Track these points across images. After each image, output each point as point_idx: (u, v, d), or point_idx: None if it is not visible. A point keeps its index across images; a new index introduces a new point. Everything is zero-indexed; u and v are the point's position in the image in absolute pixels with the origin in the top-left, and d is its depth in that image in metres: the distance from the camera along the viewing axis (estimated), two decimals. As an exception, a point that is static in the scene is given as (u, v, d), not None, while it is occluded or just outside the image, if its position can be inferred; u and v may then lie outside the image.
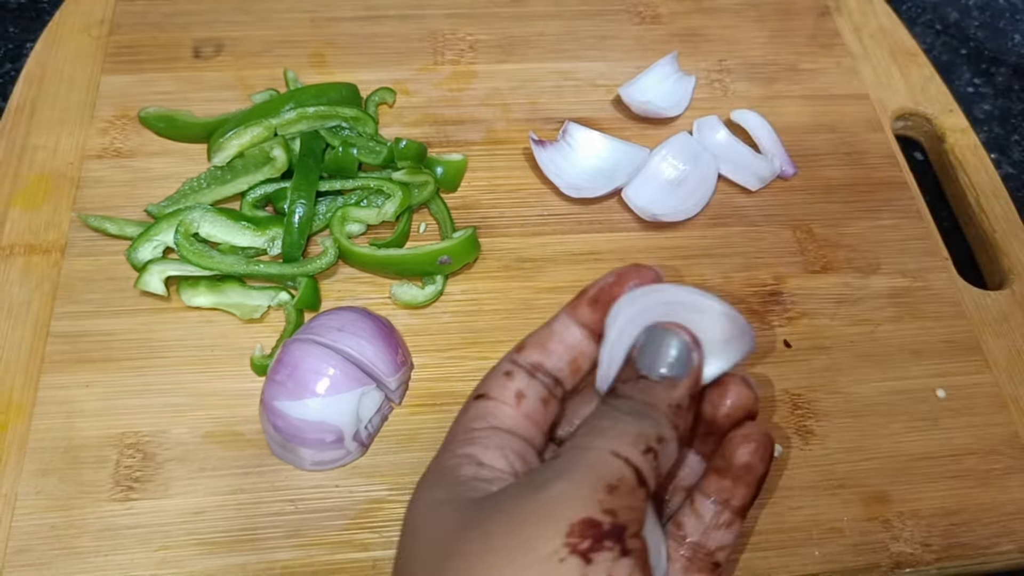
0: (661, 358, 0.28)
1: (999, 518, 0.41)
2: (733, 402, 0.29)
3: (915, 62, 0.58)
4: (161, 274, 0.44)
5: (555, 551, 0.23)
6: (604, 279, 0.30)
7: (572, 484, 0.24)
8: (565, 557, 0.23)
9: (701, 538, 0.29)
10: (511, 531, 0.23)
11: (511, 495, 0.25)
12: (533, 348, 0.30)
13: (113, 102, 0.52)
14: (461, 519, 0.25)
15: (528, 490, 0.25)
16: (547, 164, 0.50)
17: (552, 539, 0.23)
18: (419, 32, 0.57)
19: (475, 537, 0.24)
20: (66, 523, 0.38)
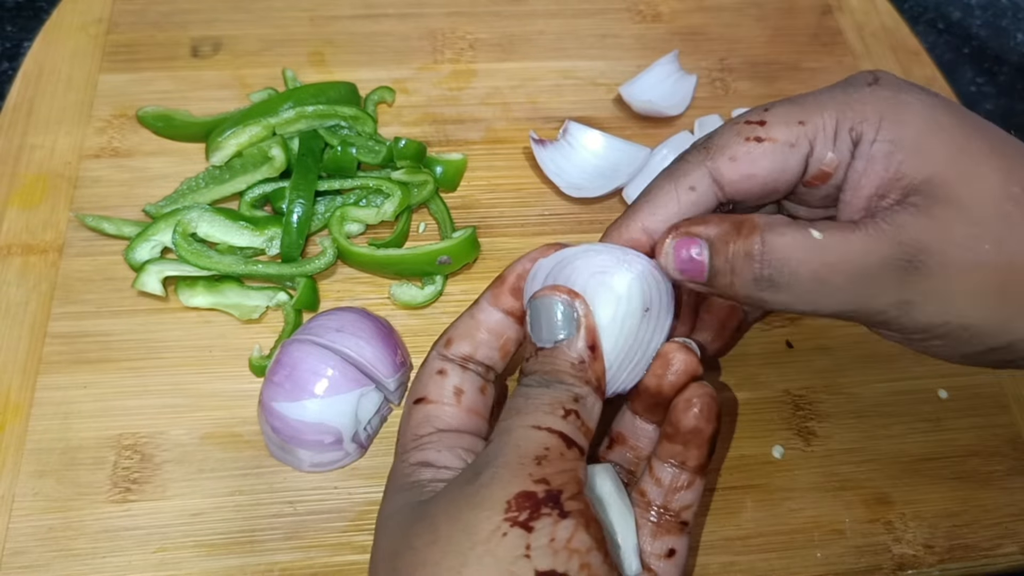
0: (548, 326, 0.28)
1: (1001, 519, 0.41)
2: (676, 369, 0.30)
3: (917, 61, 0.58)
4: (159, 274, 0.44)
5: (496, 528, 0.24)
6: (520, 264, 0.31)
7: (501, 467, 0.25)
8: (507, 531, 0.24)
9: (665, 501, 0.30)
10: (452, 520, 0.25)
11: (451, 488, 0.26)
12: (461, 340, 0.31)
13: (111, 101, 0.52)
14: (412, 518, 0.26)
15: (464, 481, 0.26)
16: (547, 164, 0.49)
17: (491, 518, 0.24)
18: (418, 31, 0.57)
19: (421, 531, 0.25)
20: (63, 525, 0.38)
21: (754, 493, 0.41)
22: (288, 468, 0.40)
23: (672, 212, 0.30)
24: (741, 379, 0.44)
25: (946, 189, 0.26)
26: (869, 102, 0.28)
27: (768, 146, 0.29)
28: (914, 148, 0.27)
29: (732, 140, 0.29)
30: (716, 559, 0.39)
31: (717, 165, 0.29)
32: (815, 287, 0.27)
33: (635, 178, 0.49)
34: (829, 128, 0.28)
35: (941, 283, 0.26)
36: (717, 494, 0.41)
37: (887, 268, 0.26)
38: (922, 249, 0.26)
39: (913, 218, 0.26)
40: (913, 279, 0.26)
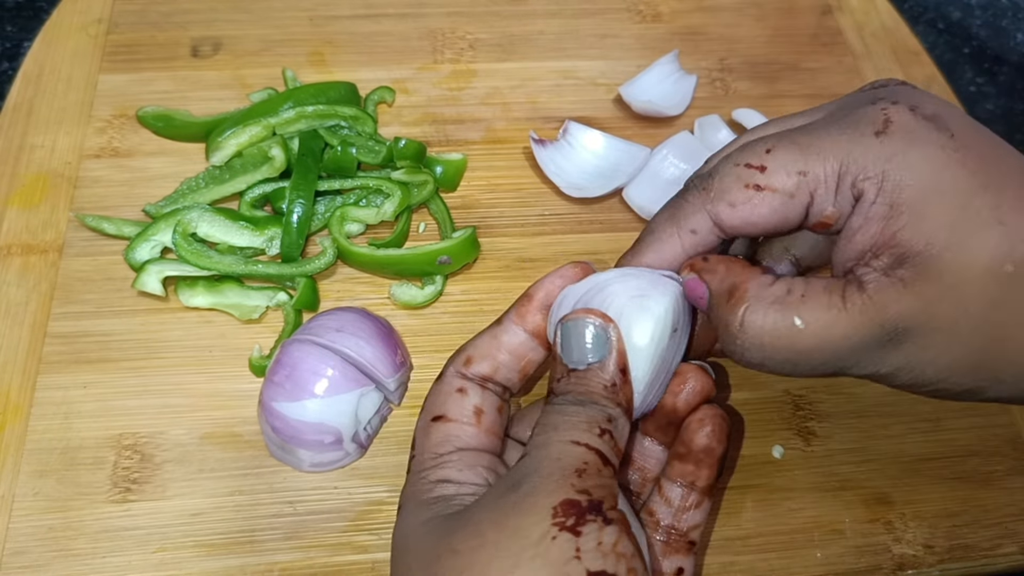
0: (580, 349, 0.29)
1: (1002, 519, 0.41)
2: (692, 388, 0.31)
3: (917, 61, 0.58)
4: (159, 274, 0.44)
5: (545, 532, 0.24)
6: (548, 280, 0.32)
7: (544, 478, 0.26)
8: (556, 535, 0.24)
9: (673, 521, 0.31)
10: (498, 526, 0.25)
11: (491, 498, 0.26)
12: (481, 360, 0.31)
13: (111, 101, 0.52)
14: (448, 527, 0.26)
15: (505, 490, 0.26)
16: (547, 163, 0.49)
17: (539, 524, 0.24)
18: (418, 31, 0.57)
19: (465, 537, 0.25)
20: (63, 525, 0.38)
21: (754, 493, 0.41)
22: (288, 468, 0.40)
23: (676, 254, 0.31)
24: (741, 379, 0.44)
25: (937, 263, 0.26)
26: (874, 157, 0.27)
27: (767, 195, 0.29)
28: (912, 215, 0.26)
29: (732, 185, 0.29)
30: (716, 559, 0.39)
31: (717, 210, 0.30)
32: (788, 366, 0.28)
33: (635, 178, 0.49)
34: (831, 180, 0.28)
35: (917, 359, 0.27)
36: (716, 494, 0.41)
37: (865, 347, 0.27)
38: (904, 330, 0.26)
39: (898, 296, 0.26)
40: (890, 354, 0.27)
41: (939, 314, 0.26)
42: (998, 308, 0.26)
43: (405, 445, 0.41)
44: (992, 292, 0.26)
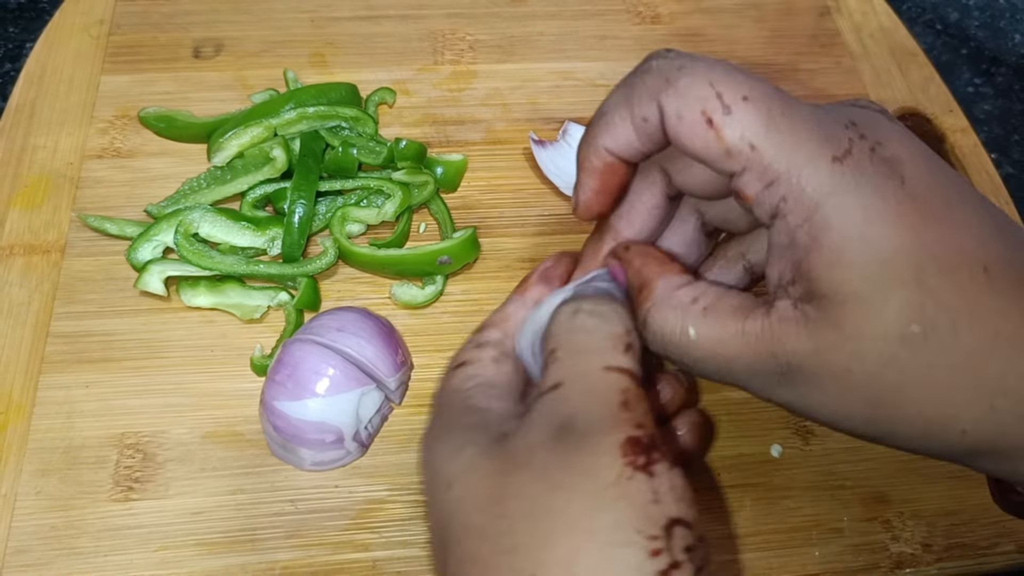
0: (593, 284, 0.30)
1: (999, 518, 0.41)
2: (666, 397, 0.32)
3: (915, 62, 0.58)
4: (161, 274, 0.44)
5: (620, 472, 0.23)
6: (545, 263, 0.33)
7: (592, 413, 0.25)
8: (631, 475, 0.23)
9: None
10: (566, 467, 0.24)
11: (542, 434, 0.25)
12: (492, 328, 0.32)
13: (113, 102, 0.52)
14: (501, 464, 0.25)
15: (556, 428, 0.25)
16: (547, 164, 0.50)
17: (612, 464, 0.23)
18: (419, 32, 0.57)
19: (532, 478, 0.24)
20: (66, 523, 0.38)
21: (752, 492, 0.41)
22: (289, 467, 0.40)
23: (631, 140, 0.29)
24: (740, 378, 0.44)
25: (841, 311, 0.25)
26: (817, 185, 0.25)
27: (711, 135, 0.26)
28: (830, 255, 0.25)
29: (691, 103, 0.26)
30: (714, 557, 0.39)
31: (667, 107, 0.27)
32: (687, 367, 0.28)
33: None
34: (767, 175, 0.26)
35: (809, 399, 0.26)
36: (715, 492, 0.41)
37: (756, 373, 0.27)
38: (796, 367, 0.26)
39: (796, 333, 0.25)
40: (783, 387, 0.26)
41: (833, 362, 0.25)
42: (897, 367, 0.25)
43: (406, 444, 0.41)
44: (893, 351, 0.24)
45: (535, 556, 0.22)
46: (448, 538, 0.25)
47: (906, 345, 0.24)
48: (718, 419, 0.43)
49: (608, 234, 0.32)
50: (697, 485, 0.41)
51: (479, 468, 0.25)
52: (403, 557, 0.38)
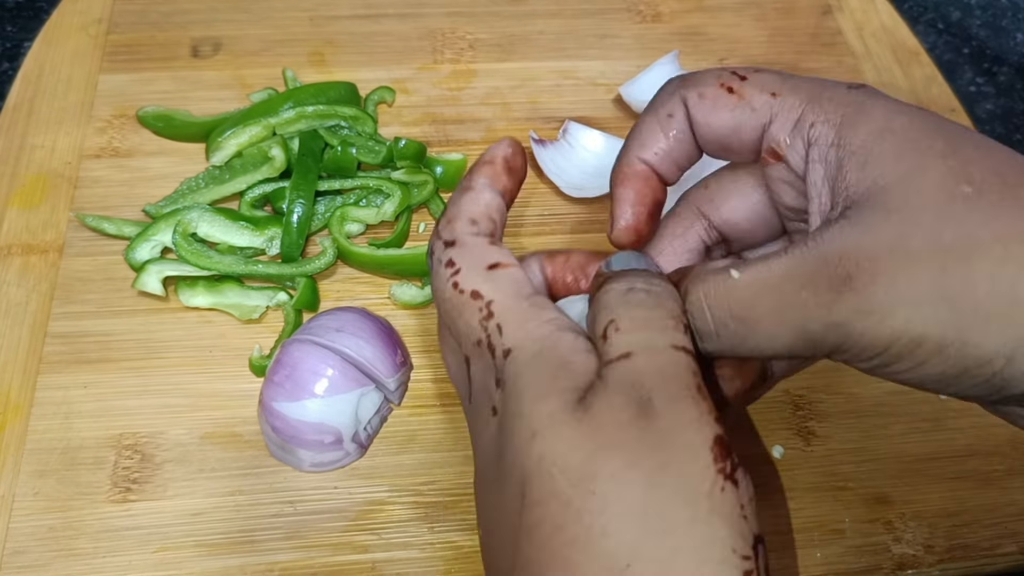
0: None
1: (1001, 519, 0.41)
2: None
3: (917, 61, 0.58)
4: (159, 274, 0.44)
5: (713, 482, 0.22)
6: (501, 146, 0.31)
7: (672, 395, 0.24)
8: (724, 486, 0.22)
9: None
10: (664, 464, 0.23)
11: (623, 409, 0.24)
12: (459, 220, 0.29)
13: (111, 101, 0.52)
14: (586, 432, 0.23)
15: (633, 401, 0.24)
16: (547, 164, 0.49)
17: (706, 471, 0.22)
18: (418, 31, 0.57)
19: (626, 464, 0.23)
20: (64, 524, 0.38)
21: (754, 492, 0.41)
22: (288, 468, 0.40)
23: (659, 140, 0.30)
24: (741, 379, 0.44)
25: (883, 196, 0.24)
26: (837, 103, 0.27)
27: (734, 99, 0.28)
28: (860, 156, 0.25)
29: (709, 79, 0.29)
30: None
31: (687, 95, 0.29)
32: (741, 328, 0.26)
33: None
34: (794, 112, 0.28)
35: (874, 295, 0.23)
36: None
37: (811, 290, 0.24)
38: (848, 261, 0.24)
39: (840, 230, 0.24)
40: (844, 297, 0.24)
41: (884, 237, 0.23)
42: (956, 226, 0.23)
43: (406, 445, 0.41)
44: (946, 210, 0.23)
45: (631, 549, 0.22)
46: (527, 492, 0.24)
47: (959, 202, 0.23)
48: (719, 420, 0.43)
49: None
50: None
51: (565, 429, 0.24)
52: (402, 559, 0.38)
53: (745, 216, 0.31)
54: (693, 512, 0.22)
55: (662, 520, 0.22)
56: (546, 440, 0.24)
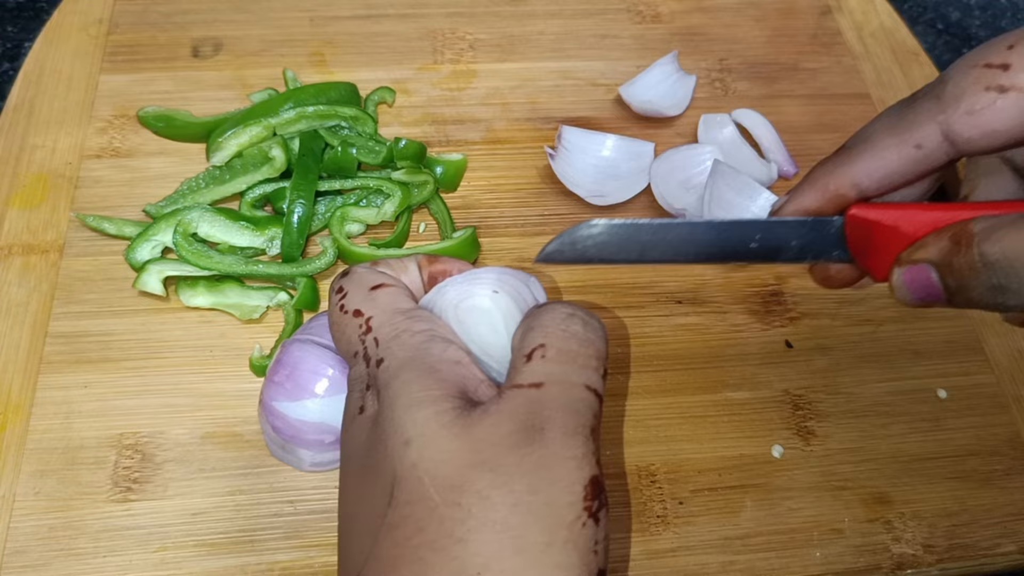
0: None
1: (1001, 519, 0.41)
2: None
3: (916, 61, 0.58)
4: (160, 274, 0.44)
5: (578, 516, 0.23)
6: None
7: (566, 429, 0.25)
8: (585, 521, 0.24)
9: None
10: (532, 488, 0.24)
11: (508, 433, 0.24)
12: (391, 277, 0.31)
13: (112, 101, 0.52)
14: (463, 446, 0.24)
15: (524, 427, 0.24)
16: (564, 175, 0.49)
17: (574, 505, 0.24)
18: (419, 31, 0.57)
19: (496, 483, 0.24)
20: (64, 524, 0.38)
21: (753, 492, 0.41)
22: (288, 467, 0.40)
23: (893, 170, 0.27)
24: (740, 379, 0.44)
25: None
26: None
27: (1013, 96, 0.25)
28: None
29: (969, 88, 0.25)
30: (715, 558, 0.39)
31: (950, 119, 0.26)
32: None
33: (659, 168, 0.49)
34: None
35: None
36: (716, 493, 0.41)
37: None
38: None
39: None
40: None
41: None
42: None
43: (405, 445, 0.41)
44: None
45: (483, 559, 0.23)
46: (396, 492, 0.25)
47: None
48: (719, 420, 0.43)
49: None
50: (697, 486, 0.41)
51: (440, 440, 0.25)
52: (402, 558, 0.38)
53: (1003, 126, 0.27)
54: (550, 538, 0.23)
55: (519, 539, 0.23)
56: (419, 448, 0.25)
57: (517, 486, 0.24)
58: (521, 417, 0.25)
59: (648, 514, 0.40)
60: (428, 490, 0.24)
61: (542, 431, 0.25)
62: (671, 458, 0.42)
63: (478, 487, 0.24)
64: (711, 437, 0.42)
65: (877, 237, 0.29)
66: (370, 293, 0.29)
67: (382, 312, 0.29)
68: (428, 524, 0.24)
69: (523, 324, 0.28)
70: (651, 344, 0.45)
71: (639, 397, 0.43)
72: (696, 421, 0.43)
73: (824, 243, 0.30)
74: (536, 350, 0.26)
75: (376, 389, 0.27)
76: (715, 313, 0.46)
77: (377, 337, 0.28)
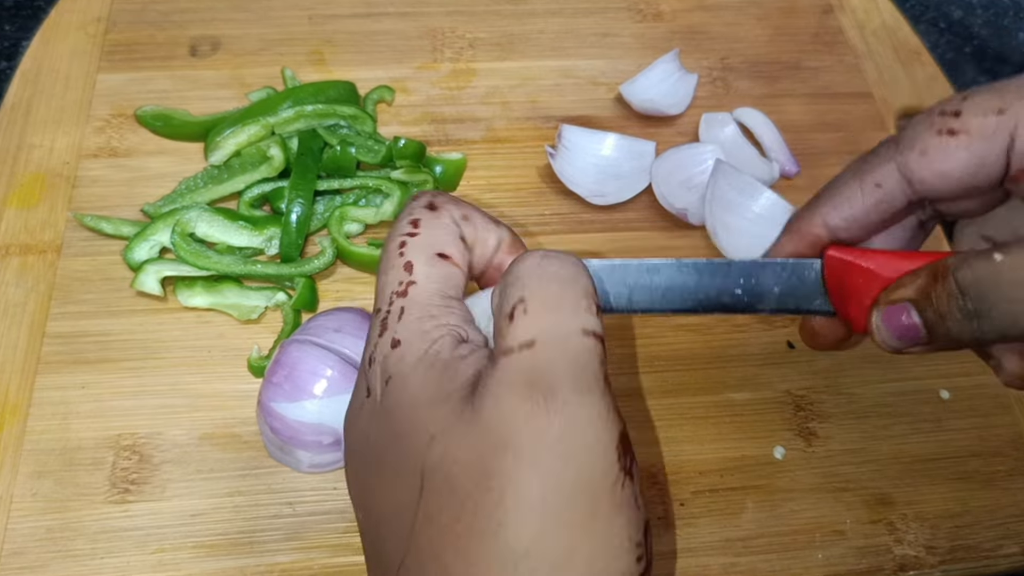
0: None
1: (1003, 520, 0.41)
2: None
3: (919, 60, 0.58)
4: (157, 274, 0.44)
5: (616, 479, 0.22)
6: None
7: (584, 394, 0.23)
8: (624, 482, 0.23)
9: None
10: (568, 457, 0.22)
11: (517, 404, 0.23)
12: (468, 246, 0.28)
13: (109, 100, 0.52)
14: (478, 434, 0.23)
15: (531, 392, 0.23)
16: (565, 175, 0.49)
17: (610, 469, 0.22)
18: (418, 30, 0.56)
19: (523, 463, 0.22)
20: (62, 525, 0.38)
21: (755, 494, 0.41)
22: (287, 469, 0.40)
23: (856, 209, 0.29)
24: (742, 380, 0.44)
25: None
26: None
27: (963, 139, 0.27)
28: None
29: (923, 132, 0.27)
30: (717, 560, 0.39)
31: (906, 160, 0.28)
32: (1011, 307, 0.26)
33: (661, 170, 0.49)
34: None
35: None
36: (718, 495, 0.41)
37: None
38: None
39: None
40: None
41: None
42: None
43: (405, 446, 0.41)
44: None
45: (526, 540, 0.22)
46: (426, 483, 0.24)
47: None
48: (720, 421, 0.43)
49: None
50: (698, 487, 0.41)
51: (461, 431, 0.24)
52: (402, 560, 0.38)
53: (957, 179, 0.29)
54: (594, 508, 0.22)
55: (561, 515, 0.22)
56: (443, 442, 0.24)
57: (544, 460, 0.22)
58: (521, 387, 0.23)
59: (649, 515, 0.40)
60: (459, 479, 0.23)
61: (553, 396, 0.23)
62: (672, 459, 0.41)
63: (505, 469, 0.22)
64: (713, 438, 0.42)
65: (856, 281, 0.29)
66: (434, 258, 0.27)
67: (427, 285, 0.26)
68: (464, 512, 0.23)
69: (496, 291, 0.26)
70: (652, 345, 0.45)
71: (640, 398, 0.43)
72: (698, 422, 0.42)
73: (805, 289, 0.30)
74: (517, 306, 0.24)
75: (386, 373, 0.25)
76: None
77: (404, 307, 0.26)
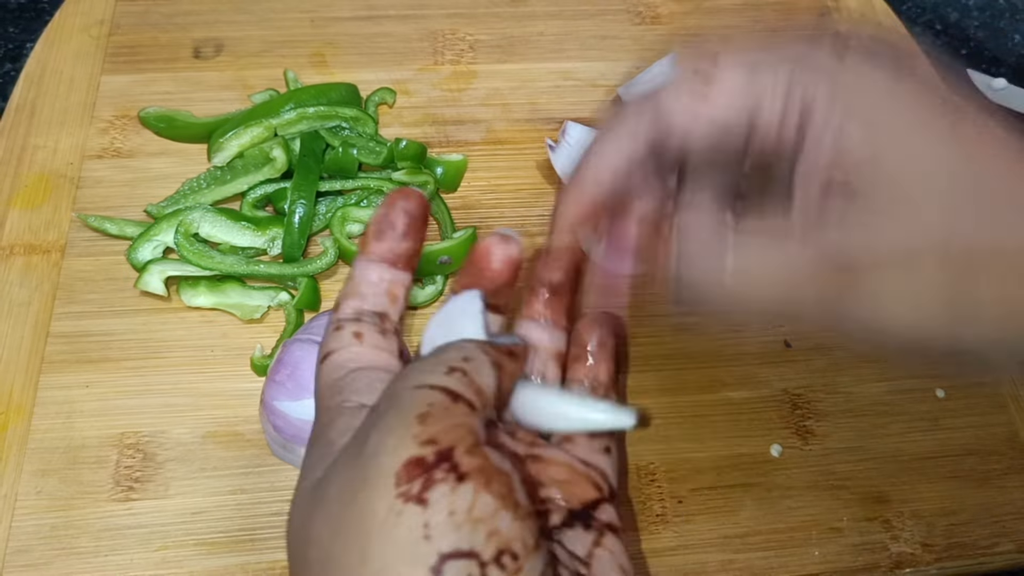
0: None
1: (999, 518, 0.41)
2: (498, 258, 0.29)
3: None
4: (161, 274, 0.44)
5: (389, 507, 0.21)
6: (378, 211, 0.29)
7: (384, 432, 0.22)
8: (401, 510, 0.21)
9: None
10: (346, 504, 0.22)
11: (341, 463, 0.23)
12: (347, 299, 0.29)
13: (113, 102, 0.52)
14: (312, 500, 0.23)
15: (353, 452, 0.23)
16: (563, 171, 0.49)
17: (384, 496, 0.21)
18: (419, 32, 0.57)
19: (322, 520, 0.22)
20: (66, 523, 0.38)
21: (752, 491, 0.41)
22: (290, 467, 0.40)
23: (613, 161, 0.28)
24: (739, 378, 0.44)
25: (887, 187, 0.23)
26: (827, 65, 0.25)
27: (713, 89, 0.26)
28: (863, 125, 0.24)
29: (674, 92, 0.27)
30: (714, 557, 0.39)
31: (658, 115, 0.27)
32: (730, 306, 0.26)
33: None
34: (780, 87, 0.25)
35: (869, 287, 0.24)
36: (715, 492, 0.41)
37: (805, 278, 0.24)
38: (846, 253, 0.23)
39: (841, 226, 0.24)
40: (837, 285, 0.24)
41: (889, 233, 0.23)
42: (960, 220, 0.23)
43: (406, 444, 0.41)
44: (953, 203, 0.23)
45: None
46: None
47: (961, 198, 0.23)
48: (718, 419, 0.43)
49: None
50: (696, 485, 0.41)
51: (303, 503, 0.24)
52: (403, 557, 0.38)
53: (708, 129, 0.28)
54: (363, 550, 0.21)
55: (343, 568, 0.21)
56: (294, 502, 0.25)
57: (334, 509, 0.22)
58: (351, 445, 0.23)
59: (647, 513, 0.40)
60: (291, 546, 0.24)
61: (363, 445, 0.23)
62: (670, 457, 0.42)
63: (317, 530, 0.22)
64: (710, 436, 0.42)
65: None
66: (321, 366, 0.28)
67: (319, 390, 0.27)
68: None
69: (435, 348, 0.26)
70: (649, 343, 0.45)
71: (638, 396, 0.43)
72: (695, 420, 0.43)
73: None
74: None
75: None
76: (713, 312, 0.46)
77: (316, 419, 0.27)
